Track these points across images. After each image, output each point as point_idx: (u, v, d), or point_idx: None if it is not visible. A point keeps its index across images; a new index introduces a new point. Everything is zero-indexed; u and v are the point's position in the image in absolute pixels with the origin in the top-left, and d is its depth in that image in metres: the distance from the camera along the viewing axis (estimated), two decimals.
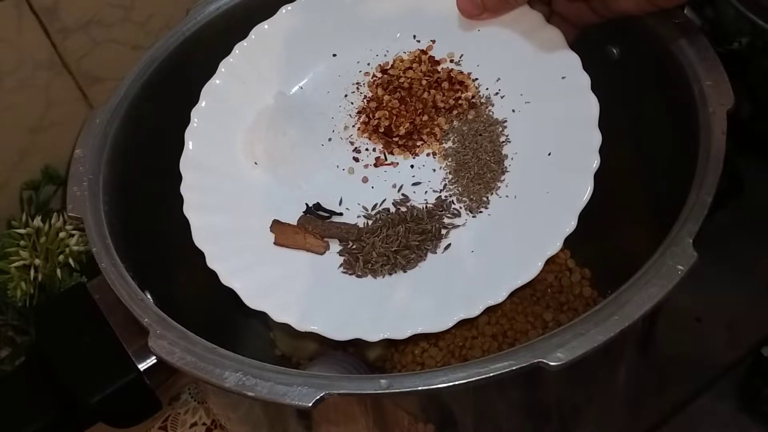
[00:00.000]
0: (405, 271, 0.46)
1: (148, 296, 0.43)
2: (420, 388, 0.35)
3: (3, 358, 0.63)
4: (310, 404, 0.36)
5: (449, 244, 0.47)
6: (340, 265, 0.47)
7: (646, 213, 0.54)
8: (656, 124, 0.51)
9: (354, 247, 0.47)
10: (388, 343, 0.61)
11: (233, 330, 0.63)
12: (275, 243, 0.48)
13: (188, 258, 0.46)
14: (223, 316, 0.61)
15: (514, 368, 0.35)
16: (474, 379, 0.35)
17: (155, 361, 0.43)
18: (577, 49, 0.48)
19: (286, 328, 0.43)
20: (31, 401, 0.44)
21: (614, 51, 0.53)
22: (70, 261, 0.63)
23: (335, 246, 0.48)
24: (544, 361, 0.35)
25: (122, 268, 0.44)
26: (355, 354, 0.61)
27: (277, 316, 0.44)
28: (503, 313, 0.61)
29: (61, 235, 0.64)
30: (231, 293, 0.45)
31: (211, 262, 0.45)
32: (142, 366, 0.43)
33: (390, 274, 0.46)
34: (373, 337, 0.42)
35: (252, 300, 0.44)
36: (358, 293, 0.45)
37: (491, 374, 0.35)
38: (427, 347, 0.61)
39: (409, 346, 0.62)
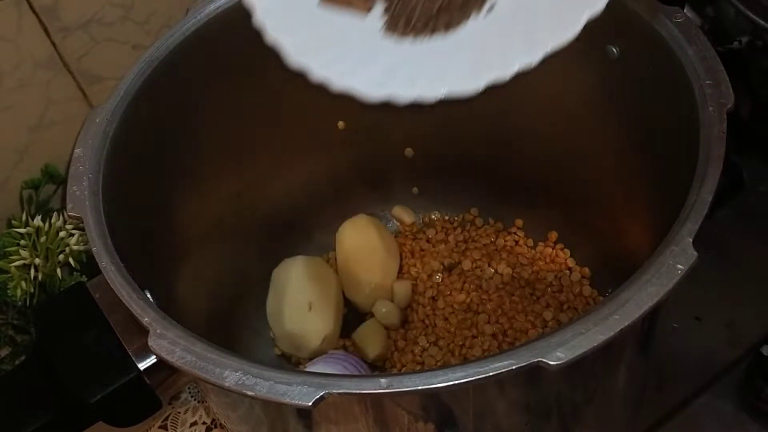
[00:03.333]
0: (446, 31, 0.45)
1: (148, 295, 0.43)
2: (420, 387, 0.35)
3: (3, 357, 0.63)
4: (310, 403, 0.35)
5: (494, 5, 0.46)
6: (382, 26, 0.47)
7: (646, 212, 0.54)
8: (656, 123, 0.51)
9: (397, 7, 0.47)
10: (388, 338, 0.61)
11: (233, 329, 0.63)
12: (322, 1, 0.48)
13: (188, 257, 0.46)
14: (224, 316, 0.61)
15: (513, 368, 0.35)
16: (474, 378, 0.35)
17: (155, 360, 0.43)
18: (578, 48, 0.48)
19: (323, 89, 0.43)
20: (31, 400, 0.44)
21: (614, 50, 0.53)
22: (70, 260, 0.63)
23: (379, 8, 0.47)
24: (544, 360, 0.35)
25: (122, 268, 0.43)
26: (355, 353, 0.61)
27: (318, 72, 0.44)
28: (503, 312, 0.61)
29: (61, 234, 0.63)
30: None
31: (262, 16, 0.46)
32: (142, 365, 0.43)
33: (431, 34, 0.46)
34: (407, 94, 0.42)
35: (296, 56, 0.45)
36: (397, 54, 0.45)
37: (491, 374, 0.35)
38: (427, 346, 0.61)
39: (409, 345, 0.62)
